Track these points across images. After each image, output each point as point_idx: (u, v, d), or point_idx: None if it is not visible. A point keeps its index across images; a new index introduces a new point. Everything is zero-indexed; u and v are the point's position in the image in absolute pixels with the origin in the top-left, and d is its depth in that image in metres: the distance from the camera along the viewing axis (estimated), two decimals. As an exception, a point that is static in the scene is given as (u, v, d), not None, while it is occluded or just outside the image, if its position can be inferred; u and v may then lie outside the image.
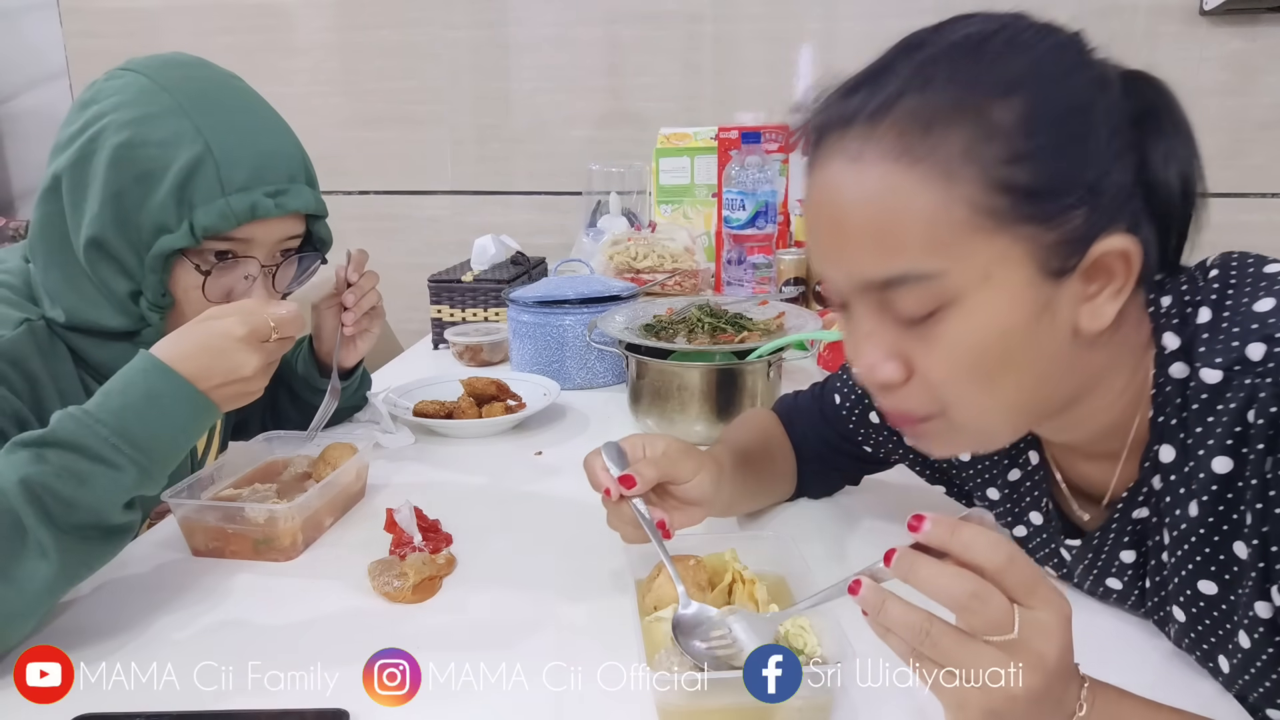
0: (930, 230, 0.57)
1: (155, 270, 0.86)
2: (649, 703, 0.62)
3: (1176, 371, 0.63)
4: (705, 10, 2.31)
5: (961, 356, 0.60)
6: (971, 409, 0.63)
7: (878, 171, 0.58)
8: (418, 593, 0.79)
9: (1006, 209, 0.57)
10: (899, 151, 0.57)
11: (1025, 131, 0.57)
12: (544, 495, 1.05)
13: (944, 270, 0.58)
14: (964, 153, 0.57)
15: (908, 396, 0.63)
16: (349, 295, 1.08)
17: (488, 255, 1.77)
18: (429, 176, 2.54)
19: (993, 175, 0.57)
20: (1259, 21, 2.13)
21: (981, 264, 0.58)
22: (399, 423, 1.22)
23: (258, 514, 0.86)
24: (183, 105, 0.85)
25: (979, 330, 0.59)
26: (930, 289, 0.59)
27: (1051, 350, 0.61)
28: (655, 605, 0.70)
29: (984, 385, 0.61)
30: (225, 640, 0.75)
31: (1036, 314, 0.59)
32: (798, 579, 0.73)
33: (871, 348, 0.63)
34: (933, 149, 0.57)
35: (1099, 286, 0.60)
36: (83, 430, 0.71)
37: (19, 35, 2.52)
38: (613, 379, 1.44)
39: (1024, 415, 0.66)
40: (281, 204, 0.89)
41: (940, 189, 0.57)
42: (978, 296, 0.58)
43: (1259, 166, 2.18)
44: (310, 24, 2.48)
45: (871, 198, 0.59)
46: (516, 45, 2.42)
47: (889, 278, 0.59)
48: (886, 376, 0.62)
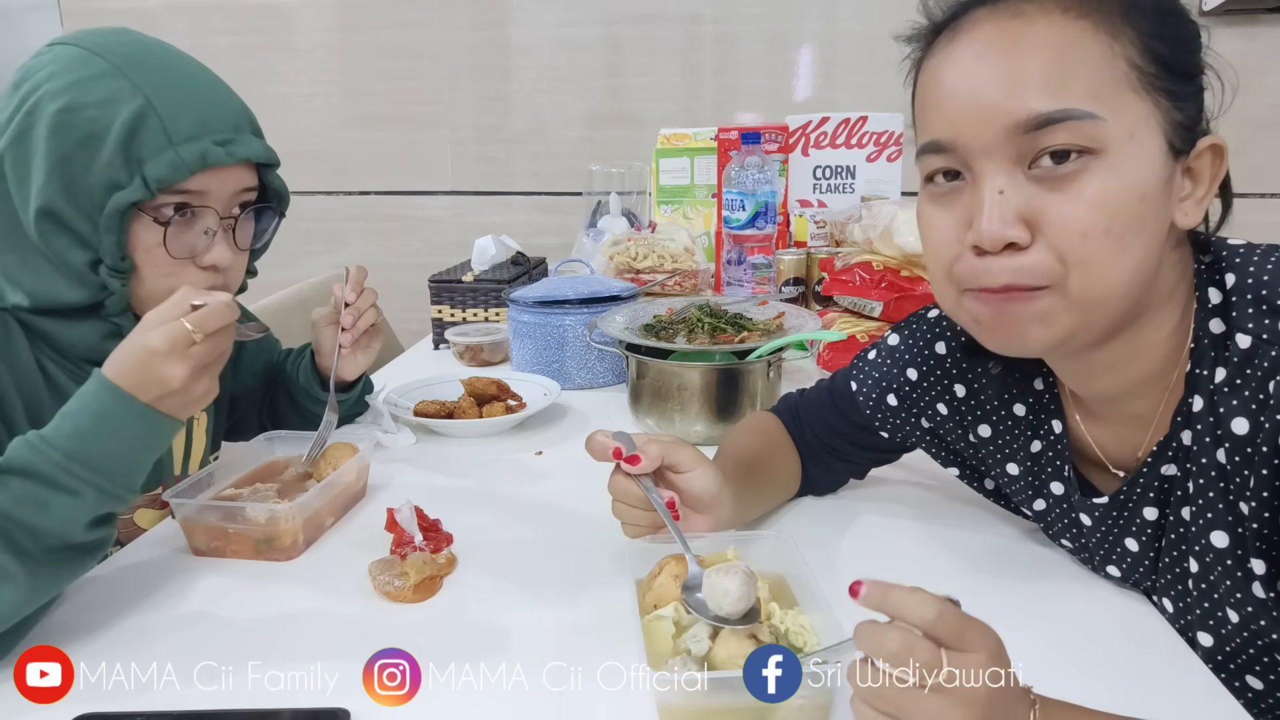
0: (1096, 76, 0.61)
1: (111, 231, 0.84)
2: (649, 703, 0.62)
3: (1215, 327, 0.66)
4: (705, 10, 2.31)
5: (1102, 210, 0.61)
6: (1096, 272, 0.63)
7: (1047, 21, 0.62)
8: (418, 593, 0.79)
9: (1154, 76, 0.62)
10: (1066, 5, 0.62)
11: (1160, 14, 0.63)
12: (544, 495, 1.05)
13: (1103, 116, 0.61)
14: (1124, 14, 0.61)
15: (1031, 261, 0.63)
16: (346, 315, 1.07)
17: (488, 255, 1.77)
18: (429, 176, 2.54)
19: (1146, 41, 0.62)
20: (1259, 21, 2.13)
21: (1130, 121, 0.61)
22: (400, 423, 1.22)
23: (258, 514, 0.86)
24: (118, 66, 0.84)
25: (1121, 186, 0.62)
26: (1085, 131, 0.61)
27: (1161, 232, 0.64)
28: (655, 604, 0.70)
29: (1115, 246, 0.62)
30: (225, 640, 0.74)
31: (1163, 185, 0.63)
32: (797, 579, 0.73)
33: (1004, 204, 0.63)
34: (1099, 4, 0.62)
35: (1191, 187, 0.65)
36: (36, 456, 0.70)
37: (19, 35, 2.53)
38: (613, 379, 1.44)
39: (1129, 296, 0.65)
40: (231, 152, 0.88)
41: (1106, 42, 0.61)
42: (1123, 152, 0.61)
43: (1259, 166, 2.18)
44: (310, 24, 2.48)
45: (1044, 43, 0.62)
46: (516, 45, 2.43)
47: (1053, 112, 0.61)
48: (1016, 235, 0.63)
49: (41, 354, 0.90)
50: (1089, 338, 0.66)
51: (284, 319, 1.72)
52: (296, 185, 0.98)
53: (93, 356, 0.90)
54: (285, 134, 1.39)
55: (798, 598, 0.72)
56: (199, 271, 0.91)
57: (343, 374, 1.12)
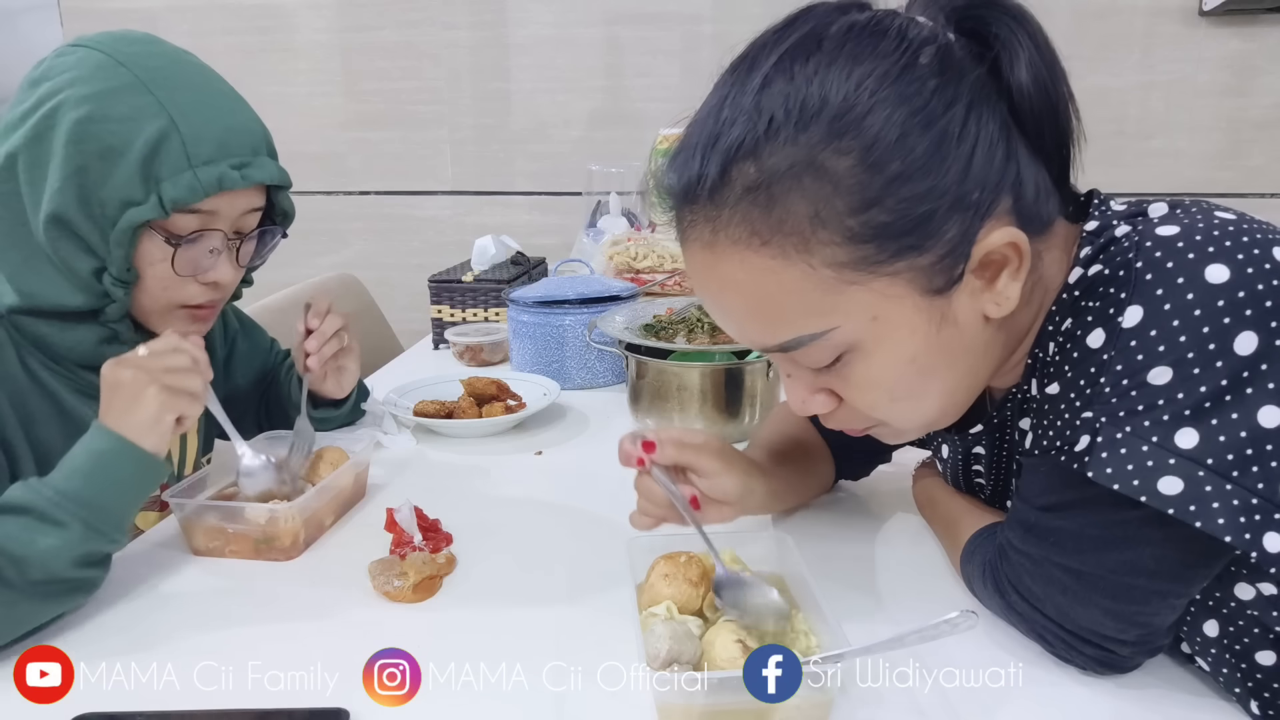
0: (802, 300, 0.59)
1: (121, 245, 0.85)
2: (649, 703, 0.62)
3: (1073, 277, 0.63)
4: (705, 10, 2.31)
5: (876, 390, 0.63)
6: (905, 419, 0.67)
7: (734, 257, 0.59)
8: (418, 592, 0.79)
9: (872, 255, 0.57)
10: (748, 234, 0.58)
11: (866, 173, 0.56)
12: (544, 495, 1.05)
13: (830, 327, 0.60)
14: (812, 218, 0.57)
15: (845, 419, 0.68)
16: (312, 341, 1.07)
17: (488, 255, 1.77)
18: (429, 176, 2.54)
19: (847, 229, 0.57)
20: (1258, 22, 2.13)
21: (865, 311, 0.59)
22: (400, 423, 1.22)
23: (258, 514, 0.86)
24: (142, 80, 0.84)
25: (884, 366, 0.62)
26: (823, 345, 0.61)
27: (967, 344, 0.63)
28: (650, 604, 0.70)
29: (908, 401, 0.65)
30: (225, 640, 0.74)
31: (937, 328, 0.61)
32: (796, 579, 0.73)
33: (797, 388, 0.67)
34: (779, 224, 0.57)
35: (994, 273, 0.61)
36: (30, 494, 0.74)
37: (19, 35, 2.53)
38: (613, 379, 1.44)
39: (965, 395, 0.68)
40: (247, 175, 0.89)
41: (799, 260, 0.58)
42: (872, 338, 0.61)
43: (1259, 166, 2.19)
44: (310, 24, 2.48)
45: (737, 282, 0.60)
46: (516, 45, 2.43)
47: (785, 342, 0.62)
48: (818, 408, 0.67)
49: (32, 359, 0.90)
50: (956, 416, 0.70)
51: (284, 319, 1.71)
52: (296, 185, 0.98)
53: (88, 361, 0.91)
54: (285, 134, 1.39)
55: (797, 598, 0.72)
56: (199, 286, 0.92)
57: (329, 393, 1.13)
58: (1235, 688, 0.63)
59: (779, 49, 0.59)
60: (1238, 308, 0.54)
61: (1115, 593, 0.61)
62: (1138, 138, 2.22)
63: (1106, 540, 0.61)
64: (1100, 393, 0.58)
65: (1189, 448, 0.55)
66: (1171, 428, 0.55)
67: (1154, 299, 0.56)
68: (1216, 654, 0.63)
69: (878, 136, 0.56)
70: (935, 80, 0.57)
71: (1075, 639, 0.64)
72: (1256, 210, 0.62)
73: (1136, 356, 0.56)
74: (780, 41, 0.60)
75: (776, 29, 0.62)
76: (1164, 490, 0.55)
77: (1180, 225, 0.58)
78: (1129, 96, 2.20)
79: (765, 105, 0.58)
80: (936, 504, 0.88)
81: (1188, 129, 2.21)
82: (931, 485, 0.90)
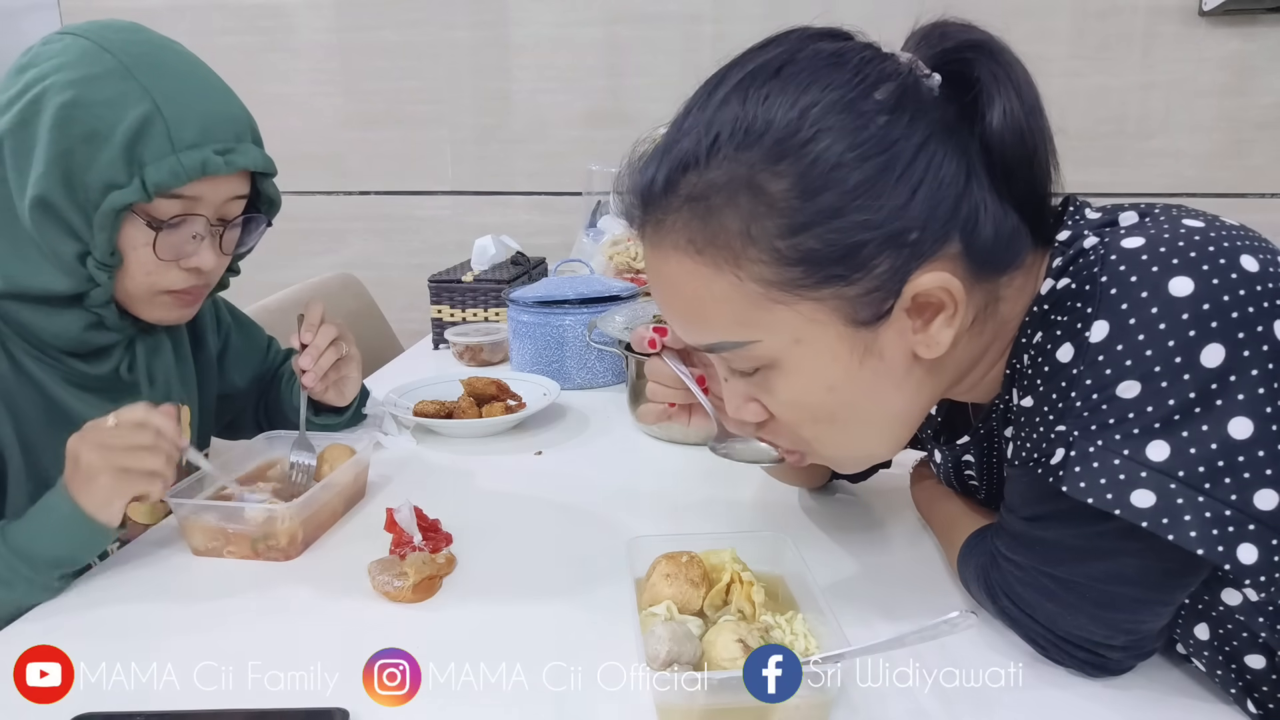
0: (730, 309, 0.60)
1: (104, 228, 0.85)
2: (649, 703, 0.62)
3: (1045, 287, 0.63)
4: (705, 10, 2.31)
5: (797, 410, 0.64)
6: (829, 448, 0.68)
7: (674, 259, 0.62)
8: (418, 592, 0.79)
9: (798, 279, 0.58)
10: (686, 240, 0.60)
11: (799, 198, 0.57)
12: (544, 495, 1.05)
13: (752, 339, 0.61)
14: (743, 234, 0.58)
15: (776, 433, 0.69)
16: (305, 358, 1.06)
17: (488, 255, 1.77)
18: (429, 176, 2.54)
19: (776, 250, 0.58)
20: (1258, 22, 2.13)
21: (788, 331, 0.60)
22: (400, 424, 1.22)
23: (257, 514, 0.86)
24: (127, 65, 0.85)
25: (803, 387, 0.63)
26: (746, 354, 0.62)
27: (895, 380, 0.63)
28: (650, 603, 0.70)
29: (830, 429, 0.65)
30: (225, 640, 0.74)
31: (859, 361, 0.61)
32: (796, 579, 0.73)
33: (730, 393, 0.68)
34: (714, 236, 0.59)
35: (930, 315, 0.61)
36: None
37: (19, 35, 2.53)
38: (613, 379, 1.44)
39: (903, 429, 0.68)
40: (231, 161, 0.89)
41: (729, 272, 0.59)
42: (793, 359, 0.61)
43: (1259, 166, 2.18)
44: (310, 24, 2.48)
45: (674, 282, 0.63)
46: (516, 45, 2.42)
47: (711, 344, 0.63)
48: (749, 416, 0.68)
49: (17, 349, 0.90)
50: (889, 454, 0.72)
51: (283, 319, 1.71)
52: (296, 185, 0.98)
53: (73, 348, 0.92)
54: (285, 134, 1.39)
55: (796, 598, 0.72)
56: (182, 272, 0.92)
57: (332, 402, 1.13)
58: (1230, 688, 0.63)
59: (744, 69, 0.61)
60: (1203, 320, 0.54)
61: (1101, 601, 0.62)
62: (1138, 138, 2.22)
63: (1088, 551, 0.61)
64: (1071, 406, 0.58)
65: (1160, 460, 0.55)
66: (1142, 441, 0.55)
67: (1119, 313, 0.56)
68: (1209, 656, 0.63)
69: (814, 164, 0.57)
70: (886, 116, 0.58)
71: (1066, 644, 0.65)
72: (1257, 210, 0.62)
73: (1105, 371, 0.56)
74: (746, 63, 0.62)
75: (752, 49, 0.63)
76: (1137, 503, 0.55)
77: (1146, 236, 0.59)
78: (1129, 96, 2.20)
79: (716, 122, 0.60)
80: (934, 505, 0.88)
81: (1188, 129, 2.21)
82: (929, 486, 0.91)
